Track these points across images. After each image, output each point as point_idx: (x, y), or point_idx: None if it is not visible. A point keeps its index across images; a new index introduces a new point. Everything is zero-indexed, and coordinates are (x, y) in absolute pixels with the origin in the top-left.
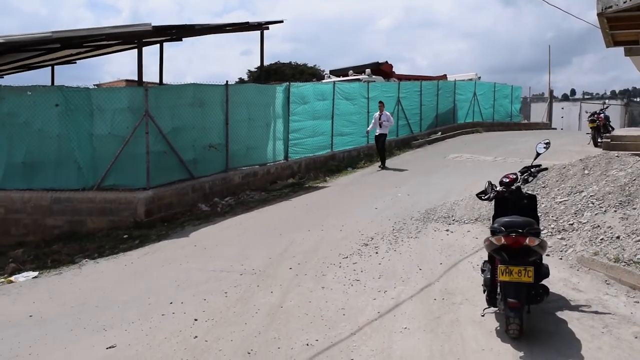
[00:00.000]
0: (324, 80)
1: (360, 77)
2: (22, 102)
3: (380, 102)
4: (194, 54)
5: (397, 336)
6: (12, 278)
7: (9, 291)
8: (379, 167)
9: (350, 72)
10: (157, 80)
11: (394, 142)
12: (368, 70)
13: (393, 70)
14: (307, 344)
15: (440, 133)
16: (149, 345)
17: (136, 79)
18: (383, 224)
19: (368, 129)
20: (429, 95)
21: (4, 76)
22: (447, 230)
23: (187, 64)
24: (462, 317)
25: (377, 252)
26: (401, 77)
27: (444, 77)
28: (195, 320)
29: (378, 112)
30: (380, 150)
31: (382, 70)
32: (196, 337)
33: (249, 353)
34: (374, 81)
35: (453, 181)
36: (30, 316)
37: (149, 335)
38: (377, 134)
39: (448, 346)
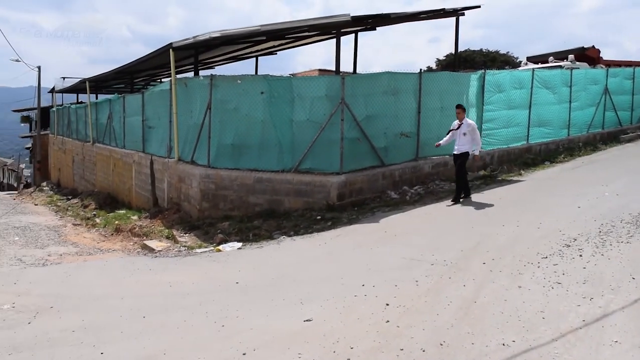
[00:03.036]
0: (520, 68)
1: (561, 63)
2: (232, 90)
3: (459, 105)
4: (382, 42)
5: (605, 349)
6: (220, 247)
7: (217, 259)
8: (451, 201)
9: (551, 58)
10: (348, 70)
11: (598, 135)
12: (571, 56)
13: (600, 55)
14: (503, 344)
15: None
16: (343, 323)
17: (328, 68)
18: (587, 224)
19: (441, 142)
20: None
21: (215, 67)
22: None
23: (374, 53)
24: None
25: (581, 255)
26: (609, 64)
27: None
28: (387, 305)
29: (457, 121)
30: (458, 175)
31: (587, 55)
32: (388, 321)
33: (442, 344)
34: (578, 68)
35: None
36: (237, 283)
37: (343, 313)
38: (455, 152)
39: None
